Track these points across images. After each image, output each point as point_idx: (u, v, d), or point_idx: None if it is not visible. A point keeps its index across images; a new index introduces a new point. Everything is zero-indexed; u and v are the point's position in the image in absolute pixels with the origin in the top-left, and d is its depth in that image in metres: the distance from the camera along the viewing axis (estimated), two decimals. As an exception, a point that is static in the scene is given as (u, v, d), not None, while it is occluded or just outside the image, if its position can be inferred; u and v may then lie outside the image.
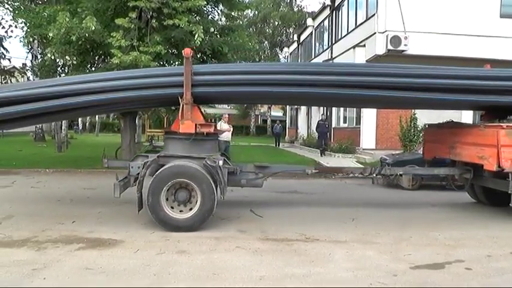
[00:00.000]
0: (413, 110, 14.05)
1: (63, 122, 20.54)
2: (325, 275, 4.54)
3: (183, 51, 6.42)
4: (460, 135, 7.47)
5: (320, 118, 19.60)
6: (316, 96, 6.92)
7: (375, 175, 7.65)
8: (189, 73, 6.30)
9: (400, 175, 7.62)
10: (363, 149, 16.72)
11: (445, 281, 4.47)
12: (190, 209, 6.09)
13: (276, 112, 51.04)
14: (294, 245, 5.60)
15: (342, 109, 20.32)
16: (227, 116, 14.24)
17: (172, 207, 6.13)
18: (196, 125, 6.43)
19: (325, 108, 22.79)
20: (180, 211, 6.13)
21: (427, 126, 9.38)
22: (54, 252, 5.03)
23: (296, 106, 30.67)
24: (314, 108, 25.90)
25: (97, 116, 42.20)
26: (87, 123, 45.81)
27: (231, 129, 13.72)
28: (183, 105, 6.34)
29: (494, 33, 14.81)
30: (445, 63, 7.52)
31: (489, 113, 7.59)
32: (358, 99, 7.03)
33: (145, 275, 4.39)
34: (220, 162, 6.31)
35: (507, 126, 6.48)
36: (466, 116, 14.30)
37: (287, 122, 37.33)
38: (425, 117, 10.07)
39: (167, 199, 6.11)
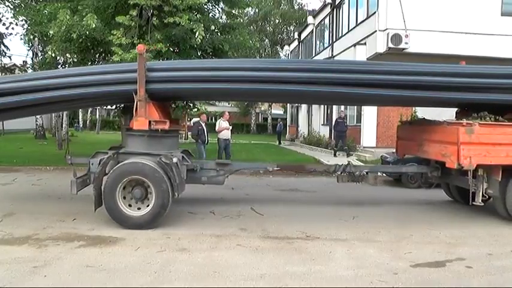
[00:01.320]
0: (414, 108, 14.03)
1: (63, 119, 20.56)
2: (325, 273, 4.54)
3: (136, 47, 6.40)
4: (428, 132, 7.38)
5: (338, 116, 17.56)
6: (278, 93, 6.89)
7: (339, 173, 7.55)
8: (143, 70, 6.26)
9: (366, 173, 7.55)
10: (364, 147, 16.71)
11: (445, 279, 4.47)
12: (147, 206, 6.07)
13: (277, 110, 51.01)
14: (294, 243, 5.60)
15: (342, 107, 20.29)
16: (227, 114, 14.24)
17: (130, 205, 6.11)
18: (150, 121, 6.40)
19: (325, 106, 22.81)
20: (138, 208, 6.10)
21: (400, 123, 9.36)
22: (55, 250, 5.04)
23: (297, 104, 30.66)
24: (315, 107, 25.87)
25: (97, 114, 42.31)
26: (87, 121, 45.83)
27: (230, 127, 13.72)
28: (137, 102, 6.32)
29: (495, 32, 14.78)
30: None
31: (466, 110, 7.47)
32: (321, 96, 7.00)
33: (146, 273, 4.39)
34: (175, 160, 6.26)
35: (467, 123, 6.37)
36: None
37: (287, 120, 37.31)
38: (428, 115, 10.05)
39: (124, 196, 6.10)
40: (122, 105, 12.64)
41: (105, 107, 34.29)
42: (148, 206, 6.06)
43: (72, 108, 9.54)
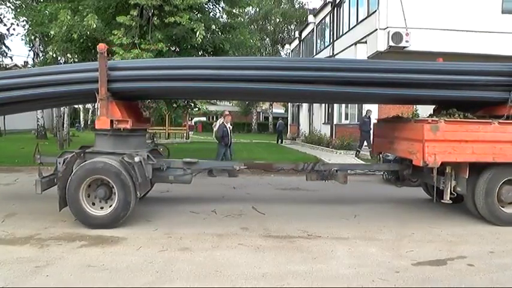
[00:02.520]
0: (415, 106, 14.01)
1: (65, 119, 20.59)
2: (327, 272, 4.54)
3: (97, 46, 6.38)
4: (398, 130, 7.31)
5: (364, 114, 16.42)
6: (245, 91, 6.90)
7: (308, 171, 7.49)
8: (104, 68, 6.26)
9: (336, 171, 7.49)
10: (364, 146, 16.69)
11: (447, 277, 4.47)
12: (110, 206, 6.05)
13: (278, 109, 51.01)
14: (296, 242, 5.61)
15: (343, 106, 20.31)
16: (227, 113, 14.23)
17: (93, 204, 6.10)
18: (112, 121, 6.40)
19: (326, 105, 22.81)
20: (101, 207, 6.09)
21: (376, 121, 9.33)
22: (57, 250, 5.05)
23: (297, 103, 30.67)
24: (316, 105, 25.88)
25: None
26: (89, 121, 45.89)
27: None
28: (99, 101, 6.33)
29: (496, 29, 14.75)
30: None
31: (442, 107, 7.41)
32: (284, 94, 7.00)
33: (148, 272, 4.40)
34: (137, 159, 6.24)
35: (432, 120, 6.33)
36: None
37: (288, 119, 37.30)
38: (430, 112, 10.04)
39: (88, 195, 6.09)
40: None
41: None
42: (111, 205, 6.05)
43: (39, 108, 9.58)
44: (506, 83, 6.59)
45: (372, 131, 14.21)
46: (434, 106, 7.98)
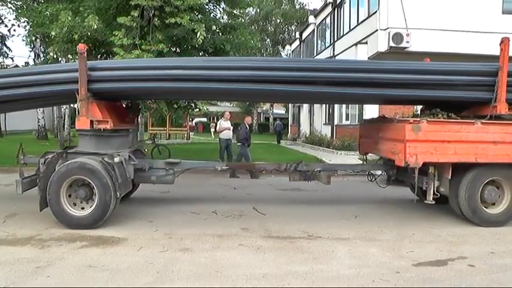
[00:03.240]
0: (415, 107, 13.99)
1: (66, 120, 20.62)
2: (328, 272, 4.55)
3: (77, 46, 6.40)
4: (382, 130, 7.28)
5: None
6: (227, 91, 6.89)
7: (291, 172, 7.45)
8: (84, 69, 6.27)
9: (319, 171, 7.46)
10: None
11: (447, 278, 4.47)
12: (91, 206, 6.05)
13: (279, 110, 51.02)
14: (296, 242, 5.61)
15: (344, 106, 20.30)
16: (228, 113, 14.24)
17: (75, 204, 6.10)
18: (92, 121, 6.41)
19: (327, 106, 22.81)
20: (82, 208, 6.09)
21: (362, 121, 9.28)
22: (58, 250, 5.06)
23: (298, 104, 30.66)
24: (316, 106, 25.88)
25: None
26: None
27: (231, 127, 13.73)
28: (78, 101, 6.33)
29: (496, 30, 14.70)
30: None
31: (428, 107, 7.36)
32: (258, 93, 7.00)
33: (149, 273, 4.41)
34: (116, 159, 6.23)
35: (414, 121, 6.28)
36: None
37: (289, 119, 37.31)
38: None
39: (70, 196, 6.09)
40: (124, 105, 12.66)
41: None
42: (91, 206, 6.04)
43: (23, 109, 9.58)
44: (489, 83, 6.53)
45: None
46: (422, 106, 7.96)
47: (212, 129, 38.07)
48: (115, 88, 6.69)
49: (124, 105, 8.27)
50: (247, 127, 12.93)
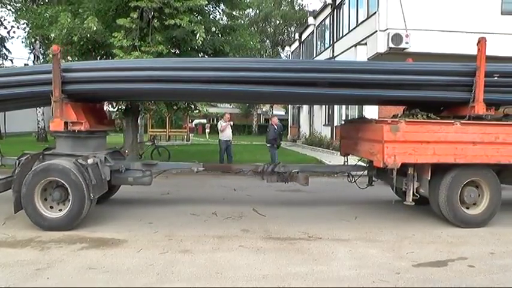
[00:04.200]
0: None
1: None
2: (328, 273, 4.55)
3: (51, 47, 6.42)
4: (361, 131, 7.22)
5: None
6: (203, 93, 6.88)
7: (268, 173, 7.41)
8: (58, 70, 6.27)
9: (297, 172, 7.40)
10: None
11: (448, 278, 4.47)
12: (65, 208, 6.03)
13: (279, 111, 51.00)
14: (296, 243, 5.61)
15: (344, 107, 20.30)
16: (228, 115, 14.28)
17: (52, 207, 6.09)
18: (66, 122, 6.40)
19: (326, 107, 22.81)
20: (60, 210, 6.07)
21: (343, 122, 9.25)
22: (58, 252, 5.06)
23: (298, 105, 30.66)
24: (316, 107, 25.88)
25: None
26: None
27: (231, 122, 13.86)
28: (52, 103, 6.33)
29: (495, 30, 14.74)
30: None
31: (411, 108, 7.29)
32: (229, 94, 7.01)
33: (149, 274, 4.41)
34: (90, 161, 6.20)
35: (392, 121, 6.22)
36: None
37: (289, 120, 37.31)
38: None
39: (46, 199, 6.09)
40: (123, 107, 12.68)
41: (106, 109, 34.28)
42: (66, 208, 6.02)
43: (8, 110, 9.60)
44: (467, 83, 6.51)
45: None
46: (404, 107, 7.89)
47: (207, 130, 38.12)
48: (91, 89, 6.66)
49: (104, 107, 8.26)
50: (276, 128, 13.03)
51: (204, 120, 44.00)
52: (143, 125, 25.59)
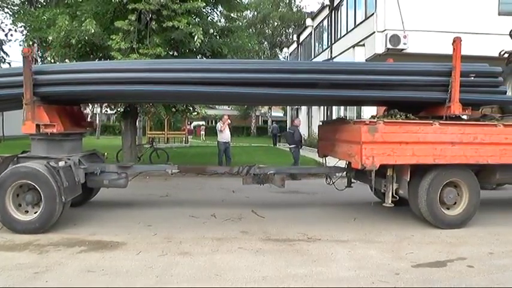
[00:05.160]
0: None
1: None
2: (327, 275, 4.55)
3: (21, 50, 6.37)
4: (339, 132, 7.15)
5: None
6: (175, 94, 6.88)
7: (244, 175, 7.37)
8: (29, 72, 6.24)
9: (273, 174, 7.32)
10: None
11: (447, 279, 4.48)
12: (37, 211, 5.99)
13: (277, 113, 51.05)
14: (296, 245, 5.60)
15: (342, 108, 20.34)
16: (226, 117, 14.30)
17: (27, 211, 6.05)
18: (39, 125, 6.37)
19: (325, 108, 22.83)
20: (35, 212, 6.02)
21: (321, 123, 9.25)
22: (56, 255, 5.04)
23: (296, 107, 30.70)
24: (314, 108, 25.91)
25: (97, 119, 42.38)
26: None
27: (229, 121, 13.94)
28: (24, 105, 6.30)
29: (492, 31, 14.80)
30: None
31: (391, 108, 7.21)
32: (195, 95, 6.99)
33: (148, 277, 4.40)
34: (61, 164, 6.15)
35: (370, 122, 6.11)
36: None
37: (287, 122, 37.33)
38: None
39: (20, 204, 6.05)
40: (122, 109, 12.67)
41: (104, 112, 34.33)
42: (37, 211, 5.99)
43: None
44: (443, 83, 6.47)
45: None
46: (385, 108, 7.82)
47: (202, 132, 38.12)
48: (63, 92, 6.61)
49: (81, 109, 8.25)
50: (299, 129, 13.20)
51: (203, 122, 44.03)
52: (142, 127, 25.59)
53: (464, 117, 6.74)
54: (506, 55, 8.67)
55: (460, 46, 6.52)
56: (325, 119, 9.28)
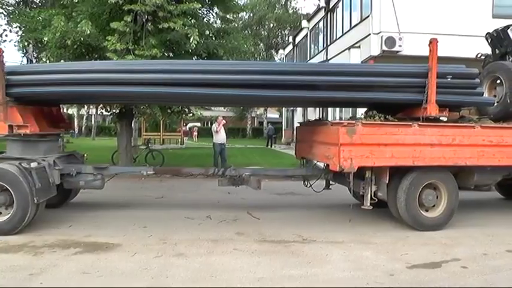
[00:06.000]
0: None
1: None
2: (322, 276, 4.56)
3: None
4: (316, 133, 7.06)
5: None
6: (150, 95, 6.86)
7: (219, 176, 7.36)
8: (1, 73, 6.23)
9: (248, 176, 7.27)
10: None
11: (441, 279, 4.50)
12: (9, 213, 5.96)
13: (273, 114, 51.07)
14: (291, 246, 5.61)
15: (337, 110, 20.36)
16: (221, 118, 14.30)
17: (0, 213, 6.01)
18: (12, 126, 6.35)
19: (320, 109, 22.87)
20: (8, 213, 5.97)
21: (298, 124, 9.23)
22: (51, 257, 5.02)
23: (292, 108, 30.74)
24: (310, 110, 25.93)
25: (93, 120, 42.31)
26: (83, 127, 45.70)
27: (224, 121, 13.95)
28: None
29: (487, 34, 14.91)
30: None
31: (372, 110, 7.14)
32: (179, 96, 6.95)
33: (143, 279, 4.39)
34: (33, 165, 6.10)
35: (348, 123, 6.04)
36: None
37: (283, 123, 37.39)
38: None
39: None
40: (117, 110, 12.63)
41: (100, 113, 34.21)
42: (9, 212, 5.95)
43: None
44: (420, 85, 6.41)
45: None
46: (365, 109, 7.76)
47: (195, 133, 38.07)
48: (37, 92, 6.57)
49: (60, 110, 8.22)
50: None
51: (198, 124, 44.03)
52: (137, 128, 25.54)
53: (444, 119, 6.71)
54: (482, 57, 8.72)
55: (437, 47, 6.50)
56: (303, 121, 9.23)
